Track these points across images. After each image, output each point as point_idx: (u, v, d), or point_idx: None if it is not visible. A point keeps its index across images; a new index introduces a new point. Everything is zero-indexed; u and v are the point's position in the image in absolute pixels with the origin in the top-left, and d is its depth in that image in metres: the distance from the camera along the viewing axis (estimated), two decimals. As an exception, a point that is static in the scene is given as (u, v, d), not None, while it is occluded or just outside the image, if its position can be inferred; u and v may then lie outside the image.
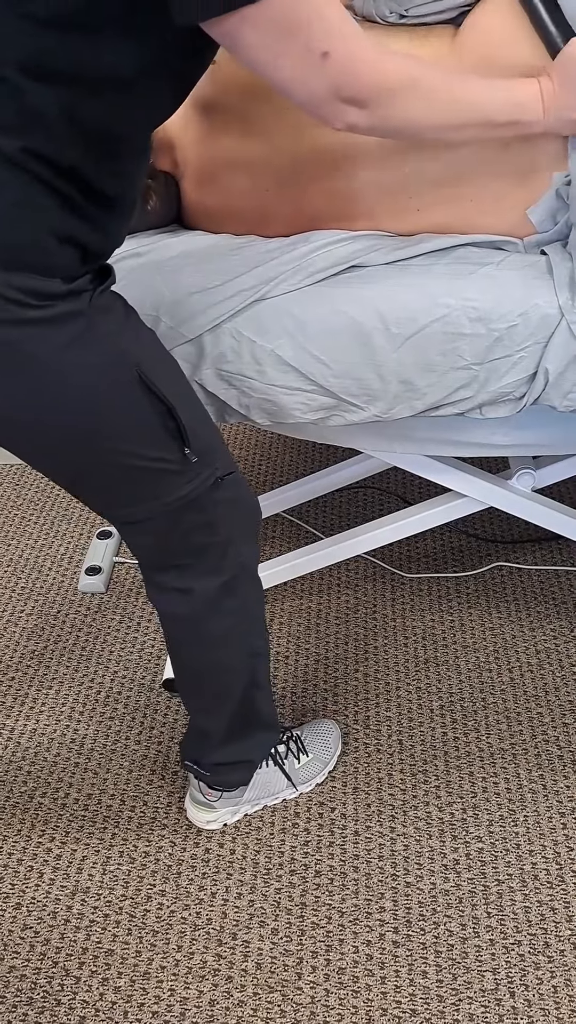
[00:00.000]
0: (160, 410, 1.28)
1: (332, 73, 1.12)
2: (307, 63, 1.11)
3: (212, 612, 1.51)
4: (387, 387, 1.48)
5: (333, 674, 1.98)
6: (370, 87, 1.16)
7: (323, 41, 1.10)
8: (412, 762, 1.81)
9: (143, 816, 1.74)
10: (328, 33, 1.10)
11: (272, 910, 1.60)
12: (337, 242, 1.49)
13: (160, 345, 1.36)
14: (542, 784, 1.76)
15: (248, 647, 1.58)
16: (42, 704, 1.93)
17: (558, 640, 2.02)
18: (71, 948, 1.56)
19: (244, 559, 1.49)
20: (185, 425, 1.30)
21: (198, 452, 1.33)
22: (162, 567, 1.48)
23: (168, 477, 1.33)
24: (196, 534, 1.42)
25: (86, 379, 1.22)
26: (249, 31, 1.08)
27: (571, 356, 1.42)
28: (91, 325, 1.21)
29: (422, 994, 1.49)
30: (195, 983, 1.51)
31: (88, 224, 1.19)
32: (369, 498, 2.39)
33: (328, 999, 1.49)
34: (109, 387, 1.25)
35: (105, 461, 1.30)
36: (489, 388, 1.46)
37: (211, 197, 1.60)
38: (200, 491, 1.36)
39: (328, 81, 1.13)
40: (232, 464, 1.41)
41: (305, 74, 1.12)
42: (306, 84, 1.13)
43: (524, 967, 1.52)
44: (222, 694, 1.61)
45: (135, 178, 1.24)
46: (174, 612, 1.53)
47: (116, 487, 1.35)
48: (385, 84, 1.17)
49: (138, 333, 1.29)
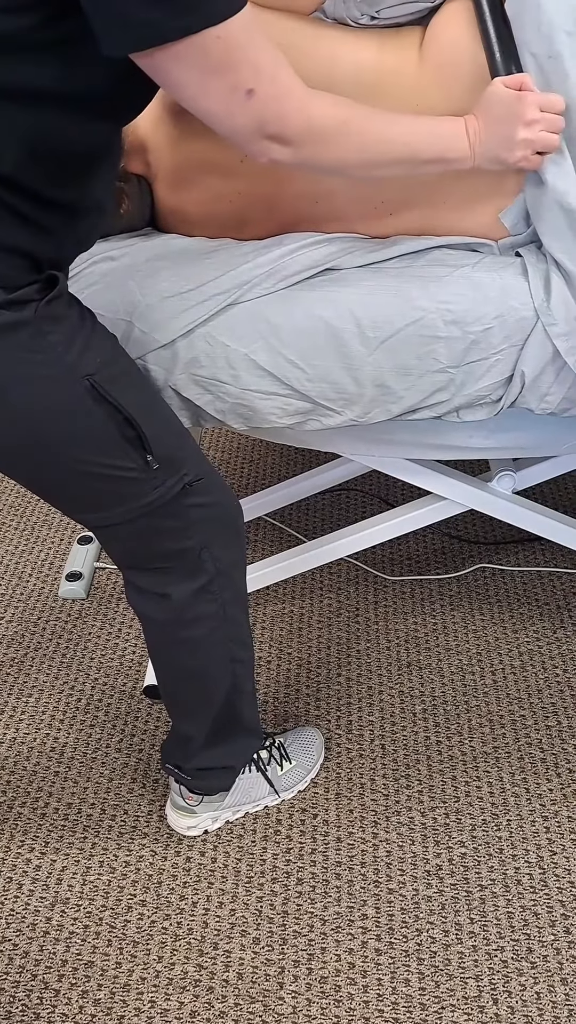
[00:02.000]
0: (118, 419, 1.27)
1: (256, 111, 1.13)
2: (231, 100, 1.11)
3: (189, 617, 1.50)
4: (363, 391, 1.47)
5: (315, 678, 1.97)
6: (296, 127, 1.16)
7: (249, 80, 1.10)
8: (395, 767, 1.80)
9: (124, 825, 1.72)
10: (255, 73, 1.10)
11: (254, 919, 1.59)
12: (311, 245, 1.48)
13: (119, 352, 1.34)
14: (525, 788, 1.75)
15: (229, 653, 1.56)
16: (22, 712, 1.92)
17: (541, 642, 2.01)
18: (50, 961, 1.55)
19: (222, 564, 1.48)
20: (146, 433, 1.29)
21: (161, 459, 1.31)
22: (139, 569, 1.47)
23: (131, 484, 1.32)
24: (168, 539, 1.41)
25: (30, 391, 1.21)
26: (173, 66, 1.08)
27: (547, 359, 1.41)
28: (35, 335, 1.19)
29: (404, 1002, 1.48)
30: (176, 994, 1.50)
31: (40, 234, 1.17)
32: (351, 501, 2.37)
33: (310, 1009, 1.48)
34: (57, 398, 1.23)
35: (65, 470, 1.30)
36: (465, 391, 1.45)
37: (184, 200, 1.59)
38: (168, 497, 1.35)
39: (251, 118, 1.13)
40: (203, 469, 1.40)
41: (229, 110, 1.12)
42: (230, 119, 1.13)
43: (507, 973, 1.51)
44: (203, 699, 1.59)
45: (91, 184, 1.22)
46: (152, 616, 1.52)
47: (80, 495, 1.35)
48: (312, 125, 1.17)
49: (91, 341, 1.27)
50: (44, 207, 1.16)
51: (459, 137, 1.31)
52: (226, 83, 1.10)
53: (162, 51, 1.06)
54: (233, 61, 1.08)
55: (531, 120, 1.31)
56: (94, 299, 1.49)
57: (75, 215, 1.21)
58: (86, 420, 1.26)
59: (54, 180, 1.16)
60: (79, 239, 1.26)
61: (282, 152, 1.17)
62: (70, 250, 1.25)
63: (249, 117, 1.13)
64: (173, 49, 1.05)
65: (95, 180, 1.22)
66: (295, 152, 1.18)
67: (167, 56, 1.06)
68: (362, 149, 1.25)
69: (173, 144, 1.57)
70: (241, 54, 1.08)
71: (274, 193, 1.51)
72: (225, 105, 1.12)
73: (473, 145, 1.31)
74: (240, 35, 1.07)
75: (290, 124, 1.16)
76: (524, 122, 1.31)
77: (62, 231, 1.21)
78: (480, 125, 1.32)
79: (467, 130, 1.31)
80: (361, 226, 1.50)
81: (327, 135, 1.20)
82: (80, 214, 1.22)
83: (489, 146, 1.32)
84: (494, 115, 1.31)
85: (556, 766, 1.78)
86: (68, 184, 1.18)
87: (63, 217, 1.19)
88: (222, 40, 1.06)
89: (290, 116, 1.15)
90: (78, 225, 1.23)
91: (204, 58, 1.07)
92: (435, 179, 1.44)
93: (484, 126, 1.31)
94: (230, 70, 1.09)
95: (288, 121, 1.15)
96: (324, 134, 1.19)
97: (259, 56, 1.10)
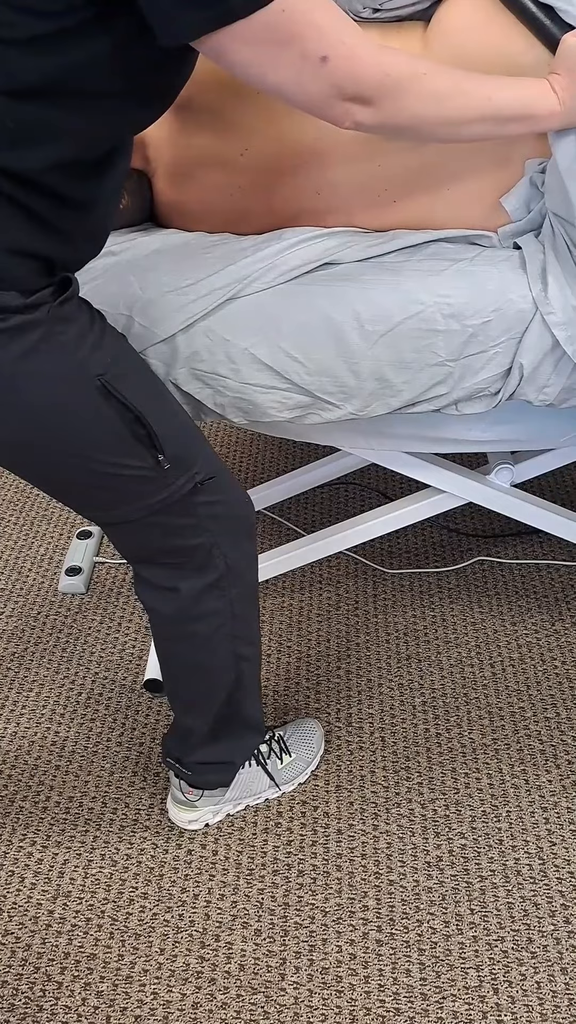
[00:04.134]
0: (128, 418, 1.27)
1: (333, 76, 1.11)
2: (304, 70, 1.09)
3: (197, 613, 1.50)
4: (362, 384, 1.47)
5: (315, 672, 1.97)
6: (374, 83, 1.14)
7: (319, 46, 1.08)
8: (395, 759, 1.80)
9: (125, 818, 1.73)
10: (323, 37, 1.08)
11: (255, 911, 1.59)
12: (310, 239, 1.48)
13: (130, 351, 1.34)
14: (524, 779, 1.76)
15: (234, 649, 1.56)
16: (23, 707, 1.92)
17: (539, 634, 2.02)
18: (53, 953, 1.55)
19: (232, 561, 1.48)
20: (157, 432, 1.29)
21: (172, 458, 1.32)
22: (148, 563, 1.47)
23: (142, 483, 1.32)
24: (178, 536, 1.41)
25: (42, 390, 1.21)
26: (240, 47, 1.06)
27: (545, 350, 1.42)
28: (47, 335, 1.19)
29: (406, 992, 1.49)
30: (178, 986, 1.51)
31: (56, 235, 1.17)
32: (350, 494, 2.38)
33: (312, 999, 1.49)
34: (68, 398, 1.23)
35: (75, 469, 1.30)
36: (464, 384, 1.46)
37: (184, 195, 1.59)
38: (179, 495, 1.35)
39: (329, 84, 1.11)
40: (215, 467, 1.40)
41: (302, 80, 1.10)
42: (304, 89, 1.12)
43: (507, 963, 1.52)
44: (206, 694, 1.60)
45: (106, 181, 1.21)
46: (159, 609, 1.52)
47: (90, 493, 1.35)
48: (389, 79, 1.15)
49: (102, 341, 1.27)
50: (60, 207, 1.16)
51: (545, 93, 1.28)
52: (296, 53, 1.07)
53: (228, 32, 1.04)
54: (299, 31, 1.06)
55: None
56: (95, 294, 1.48)
57: (89, 212, 1.21)
58: (97, 419, 1.26)
59: (75, 178, 1.15)
60: (94, 237, 1.26)
61: (363, 112, 1.15)
62: (85, 250, 1.25)
63: (325, 83, 1.11)
64: (239, 28, 1.03)
65: (110, 176, 1.22)
66: (376, 111, 1.15)
67: (234, 36, 1.04)
68: (441, 101, 1.21)
69: (172, 139, 1.57)
70: (306, 21, 1.06)
71: (274, 186, 1.52)
72: (297, 76, 1.10)
73: (564, 100, 1.28)
74: (302, 2, 1.05)
75: (367, 80, 1.13)
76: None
77: (77, 231, 1.21)
78: (566, 82, 1.28)
79: (552, 87, 1.28)
80: (363, 217, 1.50)
81: (404, 86, 1.16)
82: (93, 211, 1.21)
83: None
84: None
85: (555, 757, 1.79)
86: (87, 181, 1.18)
87: (78, 216, 1.19)
88: (287, 12, 1.04)
89: (366, 72, 1.13)
90: (91, 222, 1.23)
91: (273, 32, 1.05)
92: (438, 164, 1.44)
93: (571, 82, 1.27)
94: (298, 40, 1.07)
95: (365, 78, 1.13)
96: (401, 85, 1.16)
97: (324, 20, 1.08)
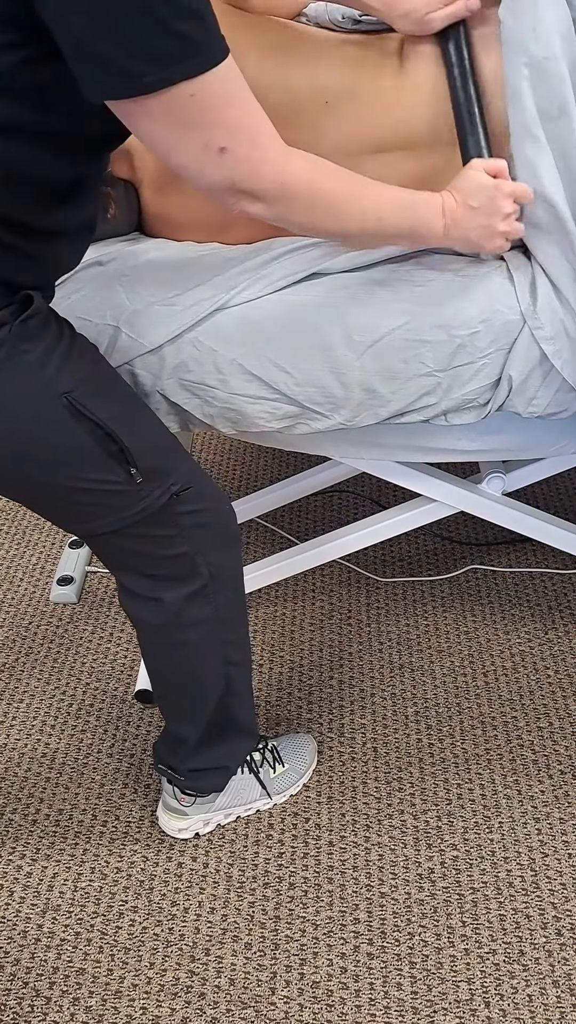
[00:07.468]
0: (99, 435, 1.26)
1: (233, 171, 1.12)
2: (204, 156, 1.10)
3: (183, 621, 1.49)
4: (350, 395, 1.46)
5: (307, 681, 1.97)
6: (271, 188, 1.15)
7: (222, 138, 1.09)
8: (387, 770, 1.79)
9: (115, 831, 1.72)
10: (229, 131, 1.09)
11: (246, 924, 1.58)
12: (298, 249, 1.48)
13: (100, 365, 1.34)
14: (516, 790, 1.75)
15: (223, 655, 1.56)
16: (12, 718, 1.91)
17: (532, 643, 2.01)
18: (42, 968, 1.54)
19: (216, 568, 1.47)
20: (129, 447, 1.28)
21: (145, 472, 1.31)
22: (131, 574, 1.47)
23: (118, 497, 1.32)
24: (160, 546, 1.41)
25: (8, 411, 1.21)
26: (144, 118, 1.07)
27: (534, 362, 1.41)
28: (10, 355, 1.19)
29: (397, 1007, 1.48)
30: (167, 1001, 1.50)
31: (20, 260, 1.17)
32: (343, 502, 2.37)
33: (303, 1014, 1.48)
34: (36, 417, 1.23)
35: (50, 485, 1.30)
36: (453, 395, 1.45)
37: (171, 204, 1.58)
38: (156, 507, 1.34)
39: (224, 174, 1.12)
40: (193, 476, 1.39)
41: (201, 165, 1.11)
42: (202, 174, 1.12)
43: (499, 976, 1.51)
44: (196, 701, 1.59)
45: (74, 211, 1.21)
46: (145, 619, 1.52)
47: (66, 507, 1.35)
48: (286, 188, 1.17)
49: (69, 357, 1.26)
50: (25, 235, 1.16)
51: (433, 217, 1.31)
52: (199, 139, 1.08)
53: (135, 103, 1.05)
54: (206, 119, 1.07)
55: (509, 214, 1.34)
56: (81, 304, 1.49)
57: (58, 240, 1.21)
58: (67, 437, 1.25)
59: (33, 209, 1.15)
60: (62, 263, 1.26)
61: (254, 207, 1.17)
62: (51, 274, 1.25)
63: (222, 174, 1.12)
64: (147, 102, 1.04)
65: (78, 207, 1.21)
66: (267, 208, 1.17)
67: (141, 108, 1.05)
68: (335, 217, 1.24)
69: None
70: (215, 112, 1.07)
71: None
72: (196, 161, 1.11)
73: (448, 227, 1.32)
74: (217, 90, 1.06)
75: (263, 184, 1.14)
76: (503, 215, 1.33)
77: (46, 257, 1.21)
78: (458, 210, 1.32)
79: (443, 210, 1.31)
80: None
81: (300, 196, 1.18)
82: (63, 239, 1.21)
83: (465, 230, 1.33)
84: (473, 203, 1.31)
85: (548, 768, 1.78)
86: (49, 212, 1.17)
87: (45, 243, 1.19)
88: (196, 98, 1.05)
89: (264, 176, 1.14)
90: (60, 249, 1.23)
91: (177, 114, 1.06)
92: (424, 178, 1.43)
93: (463, 212, 1.32)
94: (203, 127, 1.08)
95: (261, 181, 1.14)
96: (297, 195, 1.18)
97: (235, 113, 1.09)
